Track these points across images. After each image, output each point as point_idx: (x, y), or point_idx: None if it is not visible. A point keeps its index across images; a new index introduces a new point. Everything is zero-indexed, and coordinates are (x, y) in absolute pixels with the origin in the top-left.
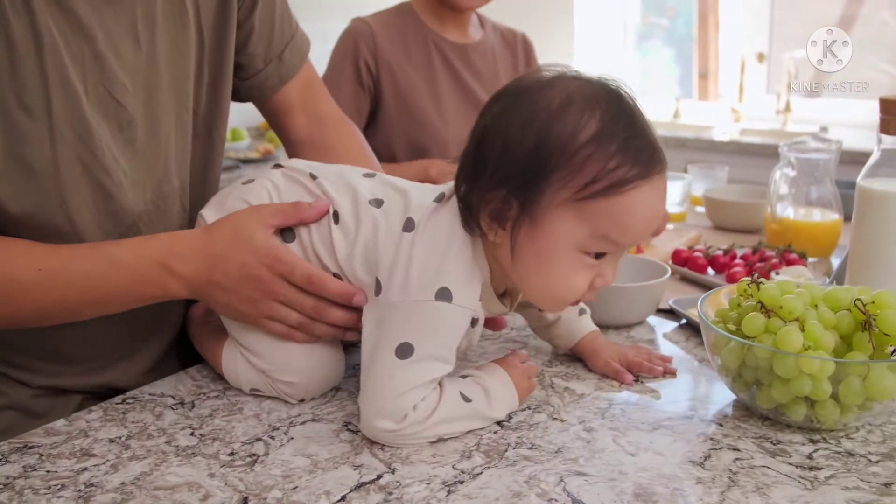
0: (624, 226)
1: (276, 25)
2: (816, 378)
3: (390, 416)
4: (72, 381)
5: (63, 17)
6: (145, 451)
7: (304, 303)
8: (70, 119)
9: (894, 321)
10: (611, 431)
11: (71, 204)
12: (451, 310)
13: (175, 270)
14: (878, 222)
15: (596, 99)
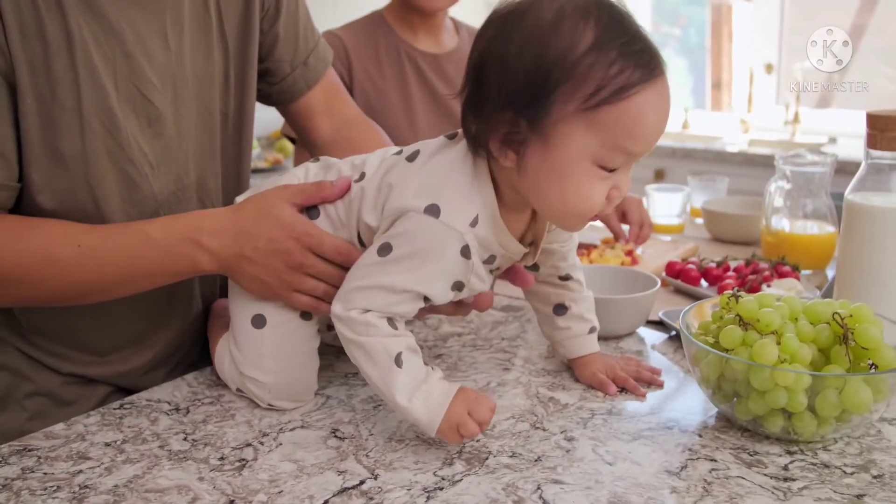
0: (633, 132)
1: (301, 33)
2: (792, 390)
3: (342, 299)
4: (96, 370)
5: (94, 18)
6: (139, 455)
7: (331, 272)
8: (98, 113)
9: (871, 335)
10: (591, 441)
11: (98, 192)
12: (435, 225)
13: (204, 245)
14: (864, 236)
15: (587, 8)
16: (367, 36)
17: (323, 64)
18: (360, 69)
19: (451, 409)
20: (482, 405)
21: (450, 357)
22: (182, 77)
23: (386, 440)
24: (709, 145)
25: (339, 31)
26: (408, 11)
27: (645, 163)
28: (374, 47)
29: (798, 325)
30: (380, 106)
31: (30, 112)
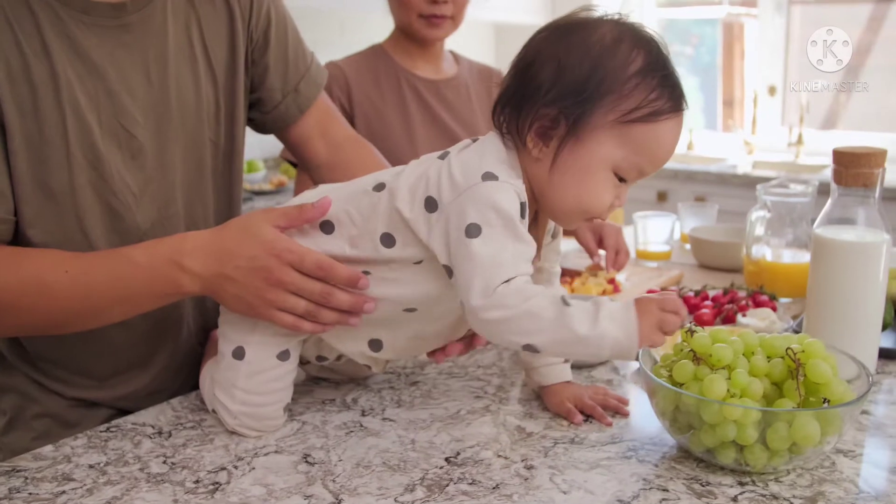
0: (653, 152)
1: (291, 61)
2: (741, 424)
3: (480, 292)
4: (97, 394)
5: (78, 59)
6: (119, 477)
7: (312, 288)
8: (83, 148)
9: (821, 370)
10: (549, 469)
11: (85, 223)
12: (501, 185)
13: (186, 267)
14: (831, 270)
15: (642, 40)
16: (367, 64)
17: (315, 88)
18: (360, 94)
19: (641, 317)
20: (668, 300)
21: (425, 384)
22: (166, 110)
23: (353, 466)
24: (711, 167)
25: (340, 61)
26: (407, 41)
27: (647, 184)
28: (373, 74)
29: (753, 360)
30: (380, 128)
31: (19, 150)
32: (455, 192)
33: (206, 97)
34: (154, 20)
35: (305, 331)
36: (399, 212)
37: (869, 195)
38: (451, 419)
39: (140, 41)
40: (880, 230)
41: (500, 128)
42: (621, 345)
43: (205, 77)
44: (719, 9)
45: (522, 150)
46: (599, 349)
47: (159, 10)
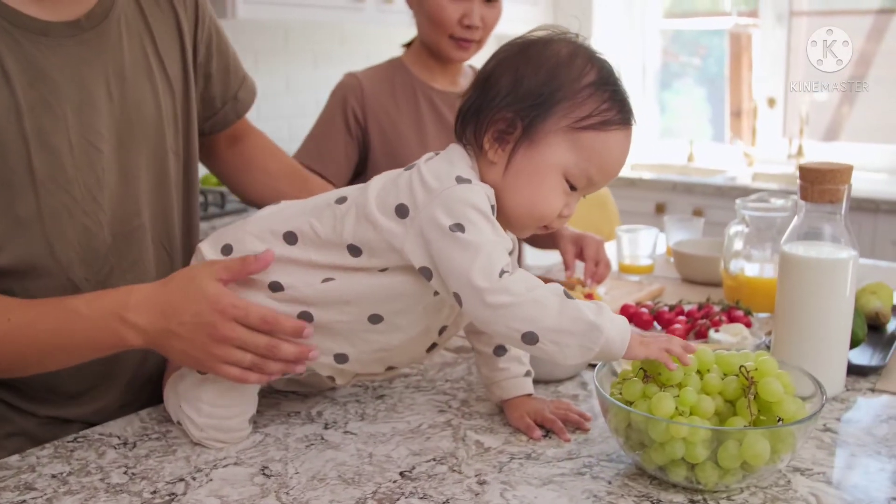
0: (602, 161)
1: (231, 71)
2: (690, 442)
3: (483, 275)
4: (70, 411)
5: (41, 82)
6: (80, 487)
7: (258, 342)
8: (53, 173)
9: (772, 388)
10: (502, 485)
11: (57, 246)
12: (474, 188)
13: (130, 321)
14: (798, 286)
15: (594, 58)
16: (384, 76)
17: (252, 94)
18: (375, 104)
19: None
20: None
21: (391, 398)
22: (128, 124)
23: (309, 479)
24: (710, 179)
25: (359, 73)
26: (428, 57)
27: (646, 196)
28: (390, 85)
29: (706, 377)
30: (395, 139)
31: None
32: (430, 196)
33: (165, 109)
34: (110, 36)
35: (251, 382)
36: (369, 220)
37: (835, 211)
38: (411, 433)
39: (98, 57)
40: (847, 246)
41: (461, 138)
42: (613, 344)
43: (163, 89)
44: (726, 20)
45: (481, 157)
46: (593, 343)
47: (114, 25)
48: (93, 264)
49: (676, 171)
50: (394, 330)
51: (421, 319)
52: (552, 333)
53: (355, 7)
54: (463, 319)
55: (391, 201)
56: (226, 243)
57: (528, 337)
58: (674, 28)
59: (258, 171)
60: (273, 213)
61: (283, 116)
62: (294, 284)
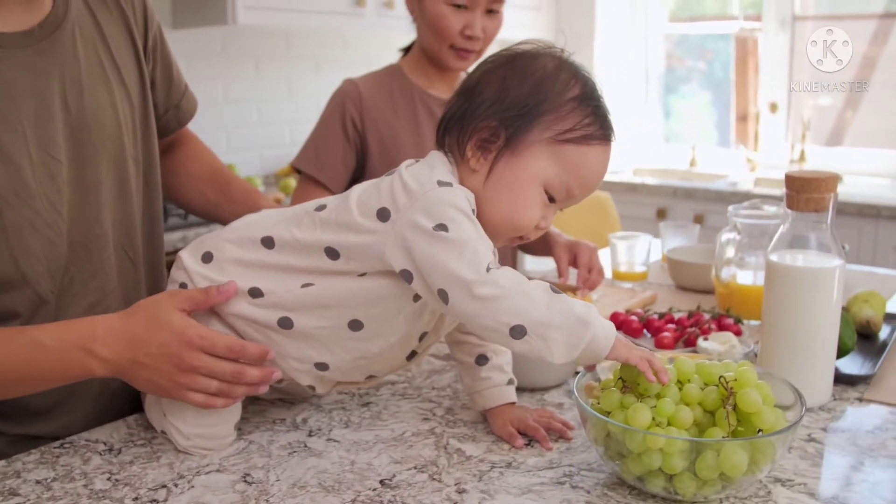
0: (582, 174)
1: (174, 80)
2: (667, 453)
3: (471, 268)
4: (40, 427)
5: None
6: (63, 493)
7: (224, 369)
8: (15, 188)
9: (751, 399)
10: (480, 494)
11: (22, 259)
12: (455, 190)
13: (97, 353)
14: (784, 295)
15: (579, 73)
16: (382, 82)
17: (193, 105)
18: (373, 110)
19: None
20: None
21: (376, 405)
22: (86, 132)
23: (289, 486)
24: (712, 185)
25: (358, 79)
26: (427, 64)
27: (647, 202)
28: (388, 91)
29: (686, 388)
30: (393, 145)
31: None
32: (411, 199)
33: (123, 115)
34: (64, 44)
35: (217, 407)
36: (349, 225)
37: (821, 220)
38: (394, 441)
39: (54, 66)
40: (833, 255)
41: (442, 145)
42: (598, 341)
43: (120, 96)
44: (731, 24)
45: (462, 165)
46: (580, 338)
47: (68, 34)
48: (56, 276)
49: (679, 176)
50: (374, 336)
51: (401, 325)
52: (540, 327)
53: (356, 13)
54: (444, 326)
55: (373, 205)
56: (206, 251)
57: (517, 330)
58: (679, 32)
59: (184, 175)
60: (252, 221)
61: (285, 121)
62: (273, 290)
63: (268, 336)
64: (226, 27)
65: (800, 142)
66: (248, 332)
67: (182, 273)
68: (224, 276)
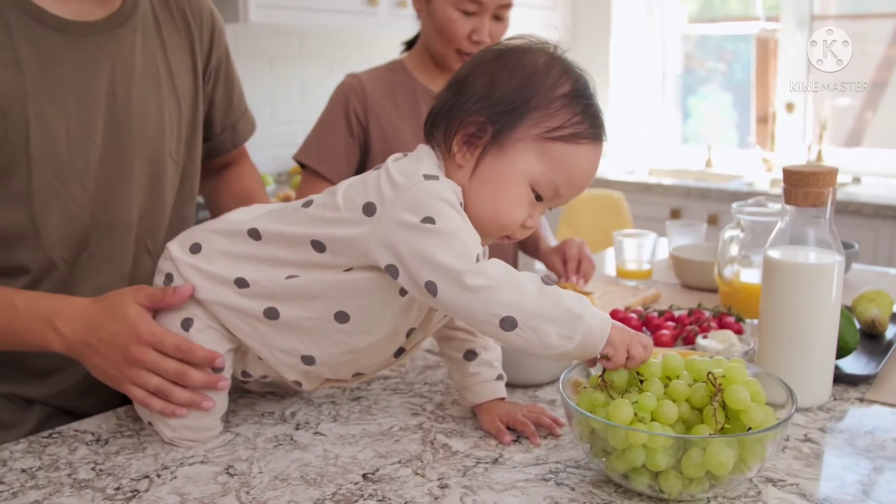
0: (570, 173)
1: (234, 101)
2: (651, 449)
3: (460, 257)
4: (34, 390)
5: (50, 74)
6: (47, 482)
7: (167, 367)
8: (48, 156)
9: (739, 396)
10: (463, 489)
11: (40, 223)
12: (442, 183)
13: (58, 328)
14: (781, 292)
15: (571, 70)
16: (385, 78)
17: (250, 128)
18: (376, 106)
19: (615, 328)
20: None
21: (366, 400)
22: (126, 124)
23: (271, 479)
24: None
25: (361, 74)
26: (430, 63)
27: (661, 202)
28: (390, 87)
29: (672, 383)
30: (395, 141)
31: None
32: (397, 192)
33: (169, 117)
34: (124, 41)
35: (154, 409)
36: (336, 221)
37: (820, 215)
38: (381, 435)
39: (109, 58)
40: (832, 251)
41: (430, 139)
42: (593, 333)
43: (168, 100)
44: (752, 25)
45: (448, 159)
46: (573, 331)
47: (129, 33)
48: (72, 247)
49: (694, 176)
50: (361, 331)
51: (388, 320)
52: (531, 318)
53: (368, 11)
54: (432, 323)
55: (359, 200)
56: (194, 242)
57: (507, 322)
58: (699, 33)
59: (227, 194)
60: (240, 214)
61: (298, 121)
62: (258, 281)
63: (254, 327)
64: (238, 25)
65: (817, 142)
66: (235, 323)
67: (169, 263)
68: (212, 267)
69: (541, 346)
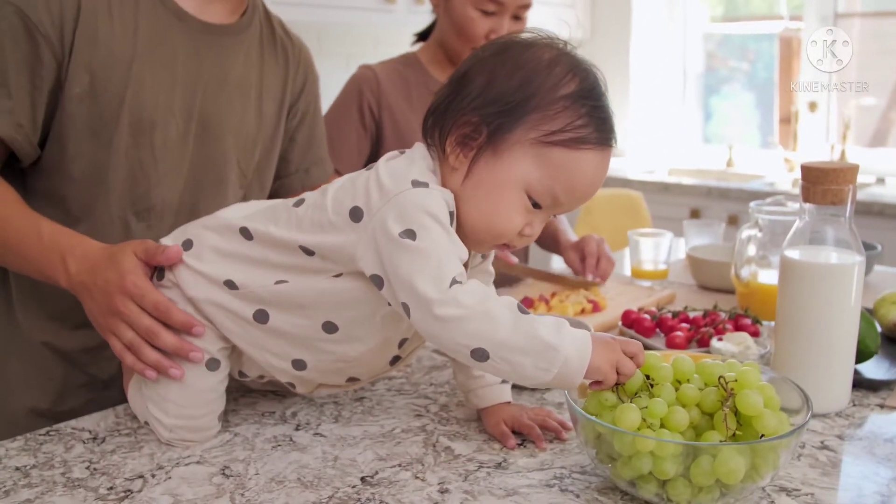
0: (570, 181)
1: (314, 145)
2: (658, 456)
3: (433, 285)
4: (64, 341)
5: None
6: (40, 481)
7: (141, 322)
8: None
9: (751, 401)
10: (464, 494)
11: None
12: (431, 192)
13: (67, 264)
14: (799, 294)
15: (578, 67)
16: (399, 71)
17: (323, 175)
18: (390, 99)
19: (599, 350)
20: (630, 343)
21: (370, 400)
22: (208, 116)
23: (267, 481)
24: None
25: (375, 65)
26: (443, 57)
27: (680, 202)
28: (404, 80)
29: (682, 388)
30: (408, 134)
31: (84, 99)
32: (383, 199)
33: (246, 129)
34: (230, 49)
35: (127, 363)
36: (323, 225)
37: (839, 213)
38: (382, 437)
39: (212, 58)
40: (851, 251)
41: (427, 137)
42: (571, 365)
43: (252, 115)
44: (775, 24)
45: (443, 160)
46: (550, 363)
47: (237, 44)
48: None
49: (715, 176)
50: (351, 340)
51: (378, 331)
52: (504, 351)
53: (385, 9)
54: None
55: (347, 203)
56: (186, 239)
57: (478, 353)
58: (723, 32)
59: None
60: (234, 211)
61: None
62: (247, 284)
63: (244, 328)
64: None
65: (840, 142)
66: (225, 324)
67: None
68: (202, 265)
69: (516, 376)
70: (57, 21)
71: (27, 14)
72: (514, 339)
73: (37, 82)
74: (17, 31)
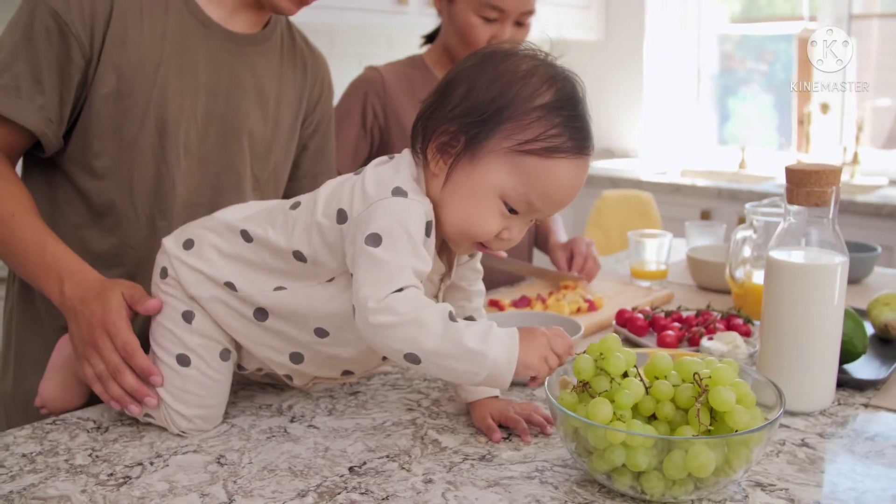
0: (544, 189)
1: (325, 155)
2: (630, 448)
3: (373, 294)
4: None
5: (184, 54)
6: (44, 467)
7: (110, 359)
8: (156, 118)
9: (723, 398)
10: (446, 485)
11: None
12: (409, 202)
13: (63, 286)
14: (783, 294)
15: (556, 78)
16: (405, 73)
17: None
18: (395, 101)
19: (527, 346)
20: (556, 334)
21: (364, 395)
22: (223, 124)
23: (259, 469)
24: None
25: (381, 67)
26: (450, 61)
27: (690, 202)
28: (410, 81)
29: (656, 383)
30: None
31: (110, 98)
32: (364, 204)
33: (261, 135)
34: (252, 58)
35: (95, 390)
36: (313, 228)
37: (823, 215)
38: (373, 429)
39: (234, 65)
40: (835, 252)
41: (414, 146)
42: (500, 367)
43: (268, 122)
44: (793, 25)
45: (426, 167)
46: (479, 367)
47: (258, 54)
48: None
49: (727, 178)
50: (342, 343)
51: None
52: (433, 356)
53: (398, 11)
54: None
55: (335, 205)
56: (187, 238)
57: (411, 357)
58: (741, 33)
59: None
60: (234, 212)
61: None
62: (246, 289)
63: (245, 325)
64: None
65: (853, 143)
66: (225, 320)
67: (164, 258)
68: (203, 265)
69: (450, 377)
70: (88, 22)
71: (60, 14)
72: (443, 346)
73: (66, 80)
74: (52, 32)
